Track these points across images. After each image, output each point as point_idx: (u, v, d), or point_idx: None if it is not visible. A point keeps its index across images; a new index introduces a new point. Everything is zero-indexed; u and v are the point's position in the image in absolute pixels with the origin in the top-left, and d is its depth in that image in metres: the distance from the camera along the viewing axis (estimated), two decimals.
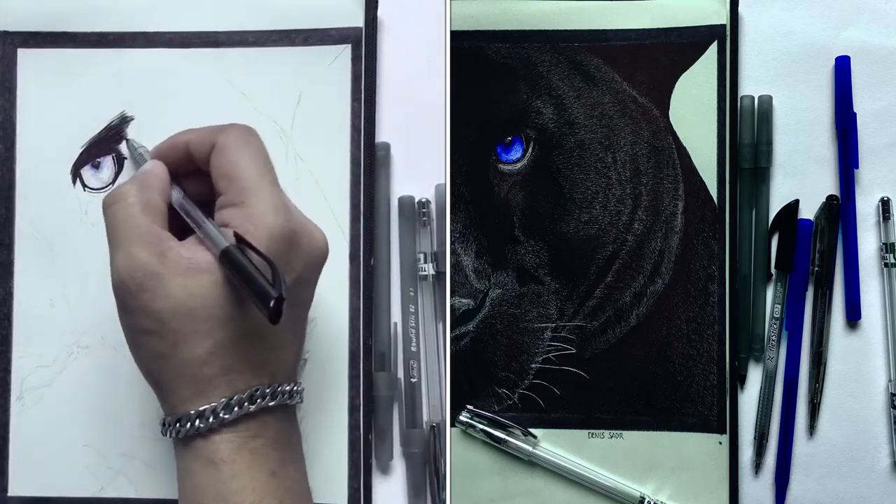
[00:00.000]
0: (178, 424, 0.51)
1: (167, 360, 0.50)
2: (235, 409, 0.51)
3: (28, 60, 0.65)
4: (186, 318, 0.50)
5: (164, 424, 0.52)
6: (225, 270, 0.50)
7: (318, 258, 0.54)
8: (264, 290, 0.47)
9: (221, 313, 0.50)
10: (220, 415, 0.50)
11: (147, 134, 0.64)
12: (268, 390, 0.52)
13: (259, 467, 0.51)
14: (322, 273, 0.63)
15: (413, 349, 0.64)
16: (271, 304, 0.47)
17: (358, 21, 0.65)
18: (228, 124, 0.55)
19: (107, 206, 0.53)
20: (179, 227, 0.53)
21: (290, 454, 0.54)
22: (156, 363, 0.51)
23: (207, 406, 0.51)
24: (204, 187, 0.55)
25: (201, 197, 0.55)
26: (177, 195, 0.55)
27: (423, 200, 0.65)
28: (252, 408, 0.51)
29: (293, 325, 0.54)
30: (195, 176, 0.55)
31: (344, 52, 0.65)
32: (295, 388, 0.54)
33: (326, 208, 0.64)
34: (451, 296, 0.64)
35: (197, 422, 0.50)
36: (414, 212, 0.65)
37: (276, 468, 0.52)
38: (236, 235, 0.50)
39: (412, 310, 0.64)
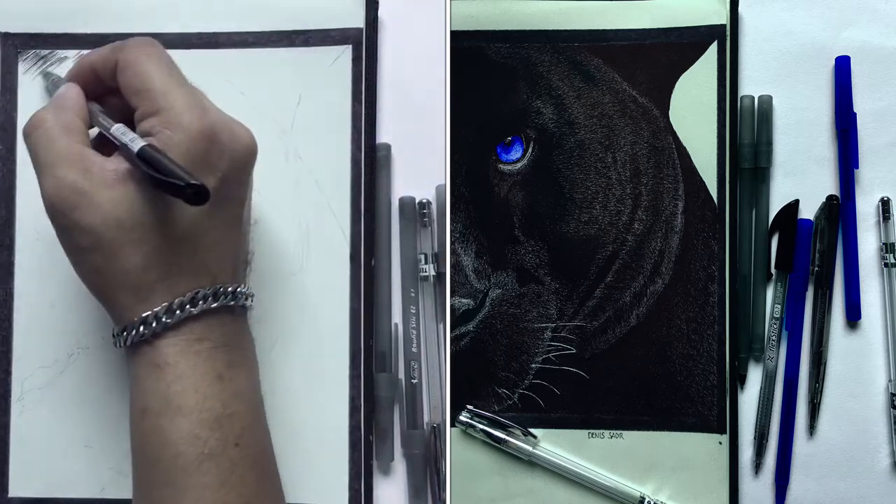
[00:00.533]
0: (124, 333, 0.52)
1: (107, 272, 0.51)
2: (177, 312, 0.52)
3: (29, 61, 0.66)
4: (118, 228, 0.50)
5: (113, 336, 0.53)
6: (146, 175, 0.50)
7: (244, 154, 0.54)
8: (178, 174, 0.48)
9: (152, 219, 0.51)
10: (163, 319, 0.51)
11: None
12: (209, 292, 0.53)
13: (204, 370, 0.52)
14: (322, 272, 0.63)
15: (414, 350, 0.64)
16: (188, 184, 0.47)
17: (358, 22, 0.65)
18: (127, 40, 0.55)
19: (27, 135, 0.53)
20: (103, 147, 0.53)
21: (240, 358, 0.54)
22: (97, 277, 0.52)
23: (150, 312, 0.51)
24: (123, 103, 0.55)
25: (123, 114, 0.54)
26: (93, 109, 0.55)
27: (424, 201, 0.65)
28: (194, 310, 0.52)
29: (228, 225, 0.54)
30: (113, 94, 0.55)
31: (344, 52, 0.65)
32: (239, 289, 0.54)
33: (327, 209, 0.64)
34: (451, 296, 0.64)
35: (141, 328, 0.51)
36: (414, 212, 0.65)
37: (222, 371, 0.53)
38: (152, 147, 0.50)
39: (413, 310, 0.64)
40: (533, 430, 0.64)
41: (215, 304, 0.53)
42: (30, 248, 0.65)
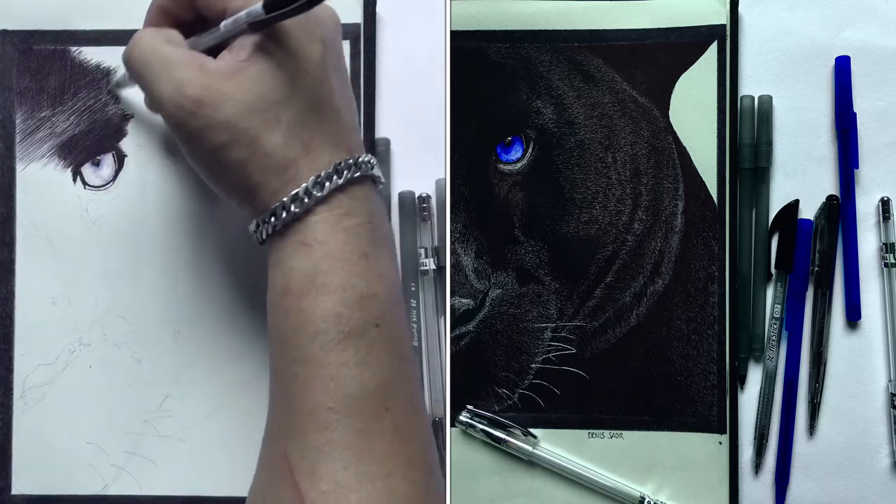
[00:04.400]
0: (272, 218, 0.52)
1: (250, 162, 0.51)
2: (326, 183, 0.51)
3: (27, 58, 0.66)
4: (253, 112, 0.51)
5: (257, 227, 0.53)
6: (263, 56, 0.51)
7: (332, 21, 0.55)
8: None
9: (280, 95, 0.51)
10: (314, 193, 0.51)
11: (146, 132, 0.65)
12: (350, 161, 0.53)
13: (352, 248, 0.52)
14: None
15: (415, 344, 0.64)
16: None
17: (356, 17, 0.65)
18: None
19: (129, 54, 0.54)
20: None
21: (384, 238, 0.54)
22: (240, 172, 0.52)
23: (300, 187, 0.51)
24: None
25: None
26: (191, 39, 0.56)
27: (424, 195, 0.65)
28: (340, 181, 0.52)
29: (343, 90, 0.55)
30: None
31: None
32: (372, 158, 0.55)
33: None
34: (451, 296, 0.64)
35: (292, 206, 0.51)
36: (414, 207, 0.65)
37: (368, 250, 0.52)
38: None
39: (413, 305, 0.64)
40: (533, 430, 0.64)
41: (358, 174, 0.53)
42: (30, 245, 0.65)
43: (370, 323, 0.51)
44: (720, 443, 0.63)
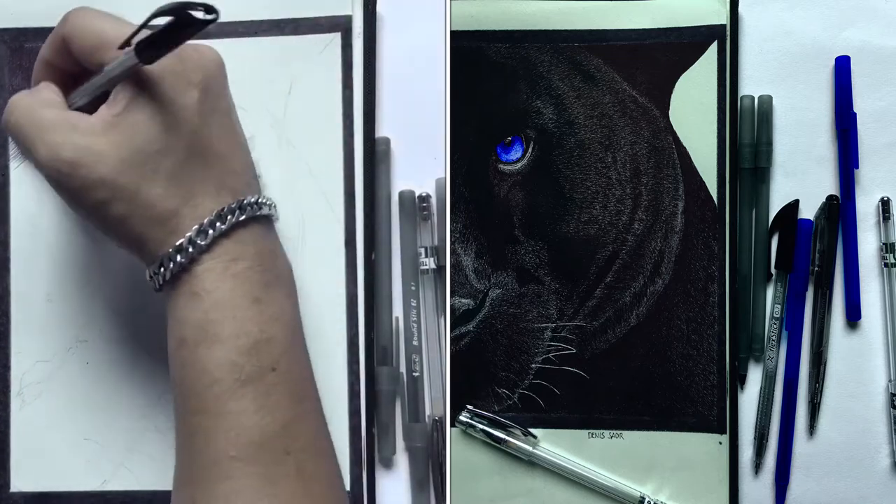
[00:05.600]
0: (161, 269, 0.52)
1: (131, 216, 0.51)
2: (209, 231, 0.52)
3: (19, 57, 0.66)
4: (129, 167, 0.51)
5: (150, 278, 0.53)
6: (136, 109, 0.50)
7: (214, 65, 0.55)
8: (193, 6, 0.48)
9: (157, 146, 0.51)
10: (197, 242, 0.51)
11: None
12: (234, 206, 0.53)
13: (241, 294, 0.52)
14: (318, 259, 0.63)
15: (415, 343, 0.64)
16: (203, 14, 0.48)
17: (347, 10, 0.65)
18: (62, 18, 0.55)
19: (7, 119, 0.53)
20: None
21: (277, 279, 0.55)
22: (123, 225, 0.52)
23: (182, 238, 0.51)
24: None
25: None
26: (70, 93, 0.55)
27: (424, 195, 0.65)
28: (223, 226, 0.52)
29: (226, 135, 0.55)
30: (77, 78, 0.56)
31: (334, 40, 0.65)
32: (260, 199, 0.54)
33: (321, 196, 0.64)
34: (451, 296, 0.64)
35: (177, 257, 0.51)
36: (414, 206, 0.65)
37: (260, 294, 0.53)
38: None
39: (413, 304, 0.64)
40: (533, 430, 0.64)
41: (242, 217, 0.53)
42: (25, 243, 0.65)
43: (266, 368, 0.52)
44: (720, 443, 0.63)
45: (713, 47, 0.64)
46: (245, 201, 0.53)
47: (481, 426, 0.64)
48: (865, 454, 0.63)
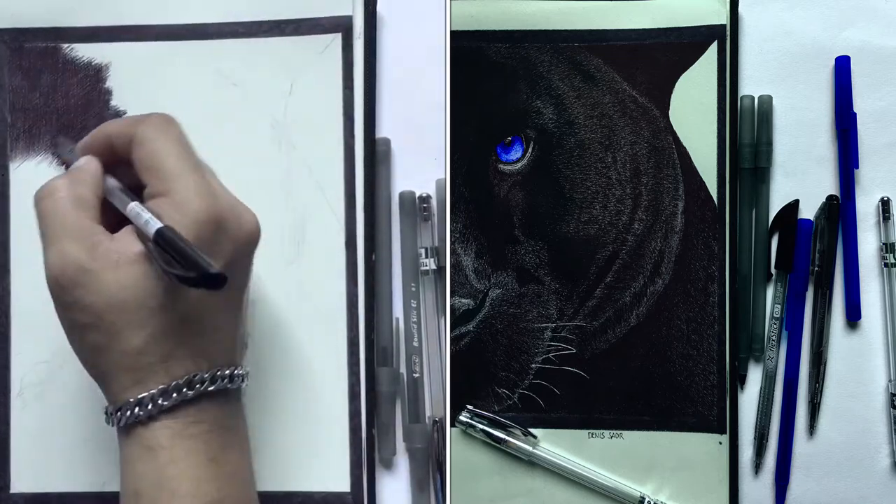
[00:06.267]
0: (118, 413, 0.51)
1: (105, 351, 0.51)
2: (174, 395, 0.51)
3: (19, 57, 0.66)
4: (121, 310, 0.50)
5: (106, 413, 0.53)
6: (157, 256, 0.50)
7: (249, 240, 0.54)
8: (200, 261, 0.48)
9: (155, 303, 0.50)
10: (159, 401, 0.51)
11: None
12: (206, 375, 0.52)
13: (197, 453, 0.52)
14: (318, 259, 0.63)
15: (415, 344, 0.64)
16: (210, 272, 0.47)
17: (347, 10, 0.65)
18: (147, 114, 0.54)
19: (38, 201, 0.53)
20: (118, 222, 0.53)
21: (232, 439, 0.54)
22: (95, 356, 0.52)
23: (146, 393, 0.51)
24: (135, 178, 0.54)
25: (135, 186, 0.54)
26: (110, 184, 0.55)
27: (424, 195, 0.65)
28: (190, 394, 0.51)
29: (228, 308, 0.54)
30: (128, 166, 0.55)
31: (334, 40, 0.65)
32: (236, 371, 0.54)
33: (321, 197, 0.64)
34: (451, 296, 0.64)
35: (136, 409, 0.51)
36: (414, 207, 0.65)
37: (216, 454, 0.52)
38: (170, 229, 0.50)
39: (414, 305, 0.64)
40: (533, 430, 0.64)
41: (212, 388, 0.52)
42: (26, 244, 0.64)
43: None
44: (720, 443, 0.63)
45: (713, 47, 0.64)
46: (218, 373, 0.53)
47: (481, 426, 0.64)
48: (865, 454, 0.64)
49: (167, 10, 0.65)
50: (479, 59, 0.65)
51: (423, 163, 0.65)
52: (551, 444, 0.64)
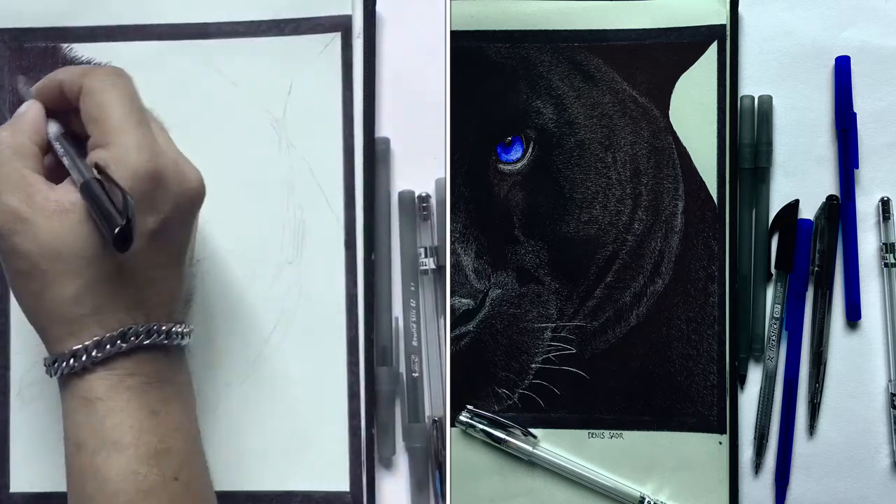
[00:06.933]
0: (55, 364, 0.52)
1: (40, 300, 0.51)
2: (107, 347, 0.51)
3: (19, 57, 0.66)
4: (54, 259, 0.50)
5: (45, 365, 0.53)
6: (91, 208, 0.50)
7: (190, 198, 0.54)
8: (112, 217, 0.48)
9: (89, 253, 0.51)
10: (92, 353, 0.51)
11: None
12: (142, 329, 0.52)
13: (138, 405, 0.52)
14: (318, 259, 0.63)
15: (414, 344, 0.64)
16: (115, 231, 0.48)
17: (347, 9, 0.65)
18: (97, 66, 0.55)
19: None
20: (60, 169, 0.54)
21: (175, 394, 0.54)
22: (31, 303, 0.52)
23: (80, 345, 0.51)
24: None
25: (85, 134, 0.54)
26: (55, 130, 0.55)
27: (424, 195, 0.65)
28: (124, 346, 0.52)
29: (166, 264, 0.54)
30: (77, 113, 0.55)
31: (334, 40, 0.65)
32: (174, 328, 0.54)
33: (321, 196, 0.64)
34: (451, 296, 0.64)
35: (71, 361, 0.51)
36: (414, 206, 0.65)
37: (157, 407, 0.52)
38: (97, 166, 0.50)
39: (413, 304, 0.64)
40: (533, 430, 0.64)
41: (147, 342, 0.53)
42: None
43: (169, 478, 0.52)
44: (720, 443, 0.63)
45: (713, 47, 0.64)
46: (154, 327, 0.53)
47: (481, 426, 0.64)
48: (865, 454, 0.63)
49: (167, 9, 0.65)
50: (479, 59, 0.65)
51: (422, 162, 0.65)
52: (551, 444, 0.64)
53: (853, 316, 0.64)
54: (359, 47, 0.65)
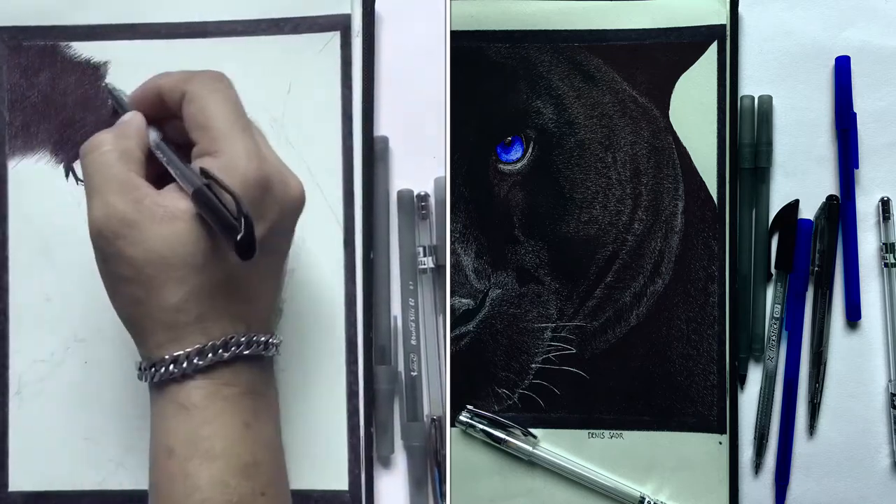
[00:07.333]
0: (153, 369, 0.51)
1: (143, 305, 0.51)
2: (209, 355, 0.51)
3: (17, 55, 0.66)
4: (161, 265, 0.50)
5: (139, 369, 0.53)
6: (199, 214, 0.50)
7: (294, 205, 0.54)
8: (232, 225, 0.48)
9: (196, 261, 0.50)
10: (194, 360, 0.51)
11: None
12: (243, 339, 0.52)
13: (232, 415, 0.52)
14: (316, 259, 0.64)
15: (413, 343, 0.64)
16: (238, 238, 0.47)
17: (346, 8, 0.65)
18: (198, 71, 0.54)
19: (84, 155, 0.53)
20: (159, 177, 0.53)
21: (266, 407, 0.54)
22: (133, 309, 0.52)
23: (182, 352, 0.51)
24: (184, 131, 0.54)
25: (183, 140, 0.54)
26: (154, 138, 0.55)
27: (422, 194, 0.65)
28: (226, 355, 0.52)
29: (269, 273, 0.55)
30: (175, 120, 0.55)
31: (333, 39, 0.65)
32: (271, 339, 0.54)
33: (319, 195, 0.64)
34: (451, 296, 0.64)
35: (171, 366, 0.51)
36: (413, 205, 0.65)
37: (250, 419, 0.52)
38: (203, 171, 0.50)
39: (412, 303, 0.64)
40: (533, 430, 0.64)
41: (248, 352, 0.52)
42: (24, 242, 0.65)
43: (257, 492, 0.52)
44: (720, 443, 0.63)
45: (713, 47, 0.64)
46: (254, 338, 0.53)
47: (481, 426, 0.64)
48: (865, 454, 0.63)
49: (166, 8, 0.65)
50: (479, 59, 0.65)
51: (421, 161, 0.65)
52: (551, 444, 0.64)
53: (853, 316, 0.64)
54: (358, 46, 0.65)
